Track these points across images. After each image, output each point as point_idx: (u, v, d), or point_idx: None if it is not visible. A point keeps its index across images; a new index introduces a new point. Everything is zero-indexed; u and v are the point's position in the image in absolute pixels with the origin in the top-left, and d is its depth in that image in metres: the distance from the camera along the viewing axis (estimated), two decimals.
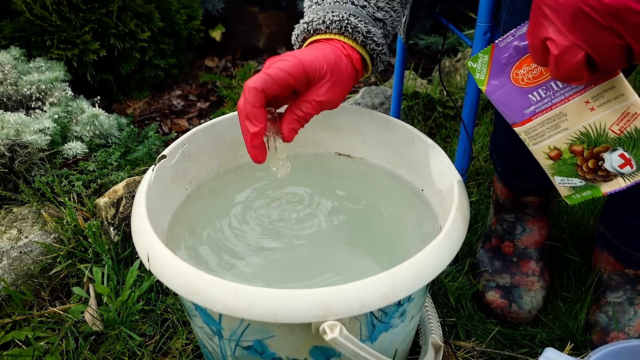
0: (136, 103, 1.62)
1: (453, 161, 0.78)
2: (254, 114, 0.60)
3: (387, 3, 0.72)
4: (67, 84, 1.34)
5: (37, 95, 1.26)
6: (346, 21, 0.67)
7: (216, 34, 1.86)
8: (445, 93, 1.48)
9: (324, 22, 0.68)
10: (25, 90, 1.25)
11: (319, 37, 0.69)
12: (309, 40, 0.70)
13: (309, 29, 0.69)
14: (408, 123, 0.78)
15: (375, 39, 0.69)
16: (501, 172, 0.94)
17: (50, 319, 0.89)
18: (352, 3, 0.69)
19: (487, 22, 0.82)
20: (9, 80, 1.24)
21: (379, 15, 0.71)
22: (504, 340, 0.87)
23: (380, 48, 0.70)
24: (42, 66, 1.34)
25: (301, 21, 0.71)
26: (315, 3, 0.72)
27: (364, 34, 0.68)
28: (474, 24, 0.84)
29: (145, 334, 0.87)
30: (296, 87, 0.62)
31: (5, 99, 1.24)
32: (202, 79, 1.73)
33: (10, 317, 0.89)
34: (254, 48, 1.94)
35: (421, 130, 0.76)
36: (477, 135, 1.34)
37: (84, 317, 0.87)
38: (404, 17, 0.97)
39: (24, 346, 0.84)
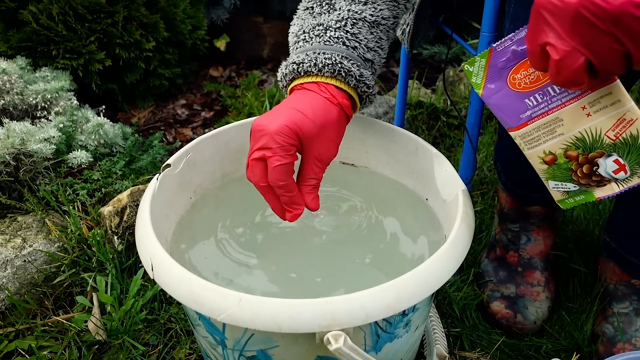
0: (141, 112, 1.62)
1: (457, 170, 0.78)
2: (292, 200, 0.63)
3: (376, 42, 0.70)
4: (72, 93, 1.35)
5: (43, 104, 1.26)
6: (339, 65, 0.64)
7: (221, 44, 1.87)
8: (449, 102, 1.48)
9: (315, 64, 0.65)
10: (31, 99, 1.25)
11: (308, 79, 0.66)
12: (297, 81, 0.67)
13: (299, 70, 0.66)
14: (412, 132, 0.78)
15: (367, 82, 0.67)
16: (505, 182, 0.94)
17: (53, 328, 0.89)
18: (344, 44, 0.66)
19: (491, 32, 0.83)
20: (15, 90, 1.25)
21: (368, 56, 0.69)
22: (509, 350, 0.87)
23: (371, 90, 0.68)
24: (47, 76, 1.35)
25: (289, 60, 0.67)
26: (303, 40, 0.68)
27: (357, 77, 0.66)
28: (478, 33, 0.84)
29: (148, 344, 0.87)
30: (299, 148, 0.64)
31: (11, 108, 1.24)
32: (207, 89, 1.74)
33: (13, 326, 0.89)
34: (258, 58, 1.95)
35: (425, 140, 0.76)
36: (481, 144, 1.34)
37: (87, 326, 0.87)
38: (408, 27, 0.97)
39: (27, 355, 0.84)
